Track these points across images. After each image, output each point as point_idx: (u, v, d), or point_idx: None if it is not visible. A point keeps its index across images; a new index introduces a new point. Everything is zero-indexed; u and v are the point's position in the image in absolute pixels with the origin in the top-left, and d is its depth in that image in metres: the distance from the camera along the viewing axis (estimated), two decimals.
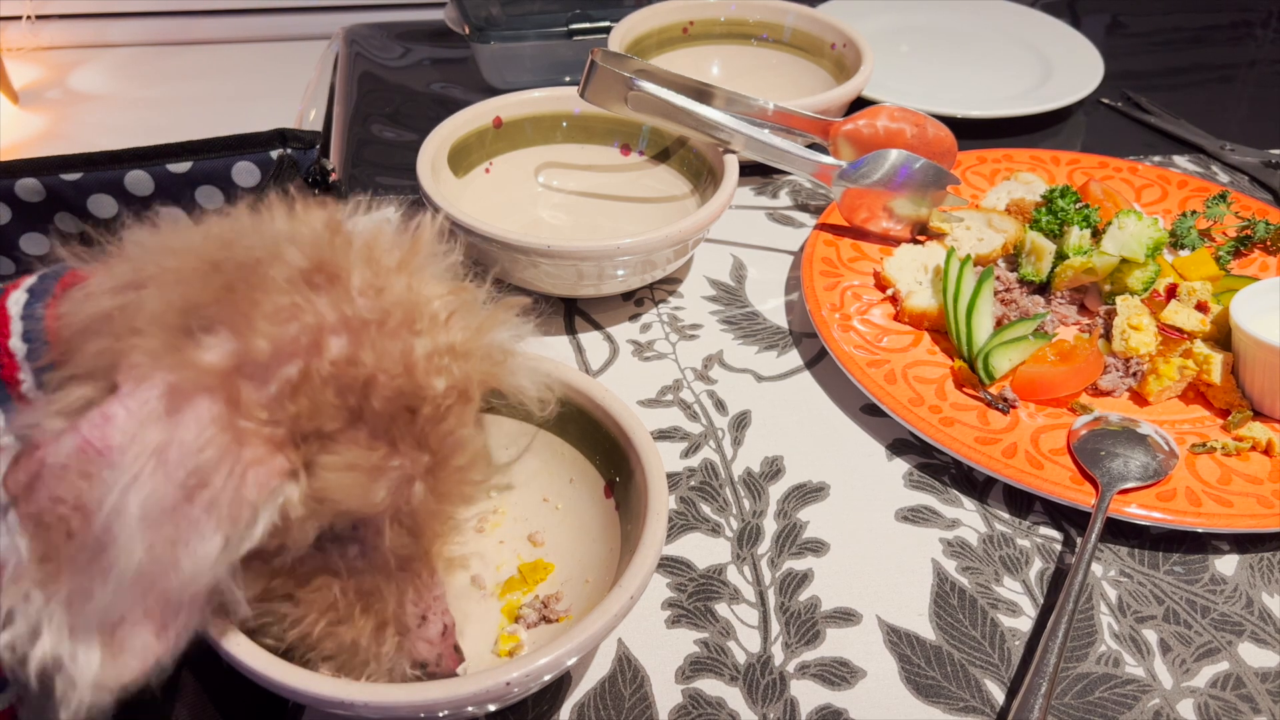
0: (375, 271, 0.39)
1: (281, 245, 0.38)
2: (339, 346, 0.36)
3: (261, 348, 0.35)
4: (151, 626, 0.35)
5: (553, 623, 0.50)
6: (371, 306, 0.37)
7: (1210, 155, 0.94)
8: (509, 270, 0.68)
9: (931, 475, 0.61)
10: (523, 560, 0.53)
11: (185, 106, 2.47)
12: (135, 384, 0.34)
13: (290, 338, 0.35)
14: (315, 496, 0.36)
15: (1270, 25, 1.25)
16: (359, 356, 0.36)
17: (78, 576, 0.34)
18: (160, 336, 0.35)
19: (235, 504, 0.34)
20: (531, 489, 0.56)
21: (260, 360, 0.35)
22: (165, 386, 0.34)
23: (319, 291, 0.37)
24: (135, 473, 0.33)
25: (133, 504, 0.33)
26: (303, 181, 0.68)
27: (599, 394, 0.53)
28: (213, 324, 0.36)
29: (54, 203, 0.65)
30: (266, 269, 0.37)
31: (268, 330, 0.35)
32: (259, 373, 0.35)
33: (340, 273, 0.38)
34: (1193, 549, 0.57)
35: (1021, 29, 1.12)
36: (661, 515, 0.47)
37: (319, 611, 0.41)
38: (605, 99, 0.74)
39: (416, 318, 0.38)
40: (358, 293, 0.37)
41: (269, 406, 0.35)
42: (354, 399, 0.36)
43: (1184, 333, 0.66)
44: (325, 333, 0.36)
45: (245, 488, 0.34)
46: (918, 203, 0.75)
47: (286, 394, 0.35)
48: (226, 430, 0.34)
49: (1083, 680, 0.50)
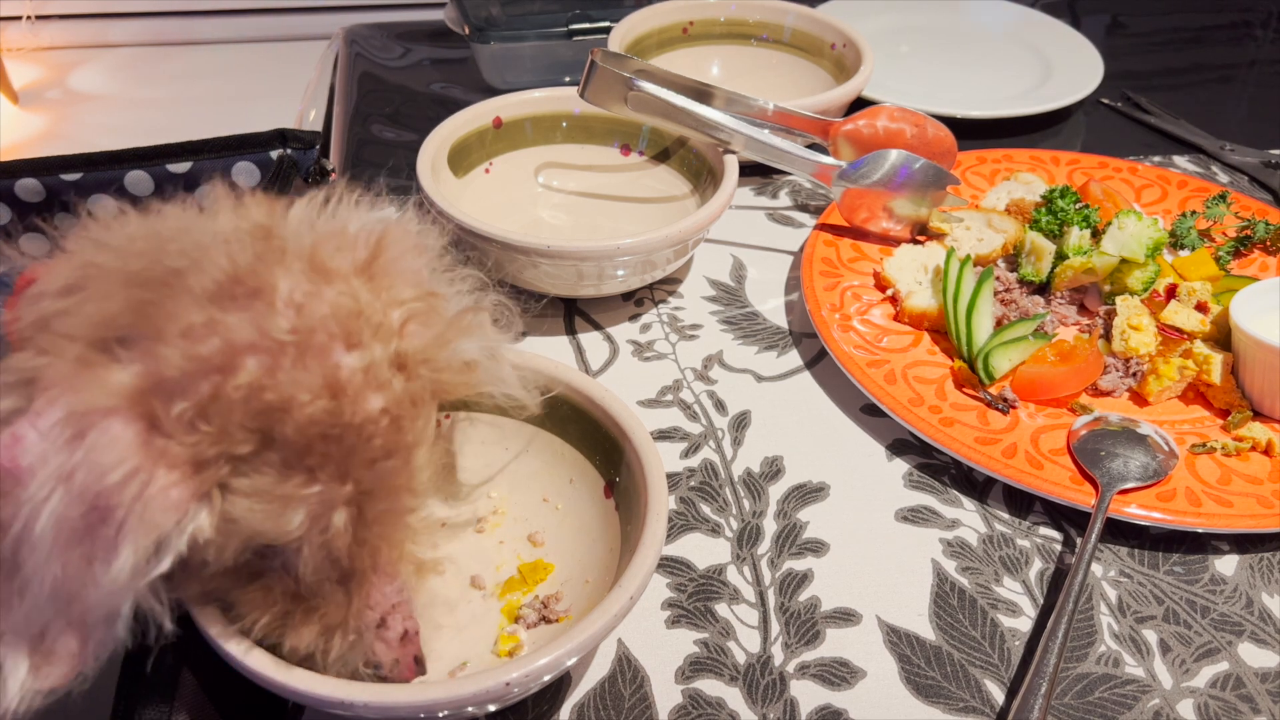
0: (312, 278, 0.37)
1: (205, 253, 0.36)
2: (252, 367, 0.35)
3: (174, 366, 0.34)
4: (76, 636, 0.35)
5: (553, 623, 0.50)
6: (294, 322, 0.35)
7: (1210, 155, 0.94)
8: (509, 270, 0.68)
9: (931, 475, 0.61)
10: (523, 560, 0.53)
11: (185, 106, 2.47)
12: (47, 404, 0.34)
13: (203, 356, 0.34)
14: (226, 520, 0.36)
15: (1270, 25, 1.25)
16: (273, 379, 0.35)
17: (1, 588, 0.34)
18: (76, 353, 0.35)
19: (144, 527, 0.34)
20: (531, 489, 0.56)
21: (171, 380, 0.34)
22: (73, 409, 0.34)
23: (237, 306, 0.35)
24: (44, 495, 0.33)
25: (43, 525, 0.33)
26: (303, 182, 0.68)
27: (598, 394, 0.53)
28: (129, 338, 0.35)
29: (54, 203, 0.65)
30: (185, 280, 0.35)
31: (181, 348, 0.34)
32: (171, 392, 0.34)
33: (263, 285, 0.36)
34: (1193, 549, 0.57)
35: (1021, 29, 1.12)
36: (661, 515, 0.47)
37: (260, 609, 0.40)
38: (605, 99, 0.74)
39: (356, 329, 0.37)
40: (282, 306, 0.36)
41: (180, 427, 0.34)
42: (266, 424, 0.35)
43: (1184, 333, 0.66)
44: (238, 353, 0.35)
45: (151, 512, 0.34)
46: (918, 203, 0.75)
47: (198, 415, 0.34)
48: (137, 451, 0.34)
49: (1083, 680, 0.50)
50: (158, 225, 0.39)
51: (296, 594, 0.40)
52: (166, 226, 0.38)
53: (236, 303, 0.35)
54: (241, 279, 0.36)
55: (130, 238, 0.38)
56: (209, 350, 0.34)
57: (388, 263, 0.39)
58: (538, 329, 0.71)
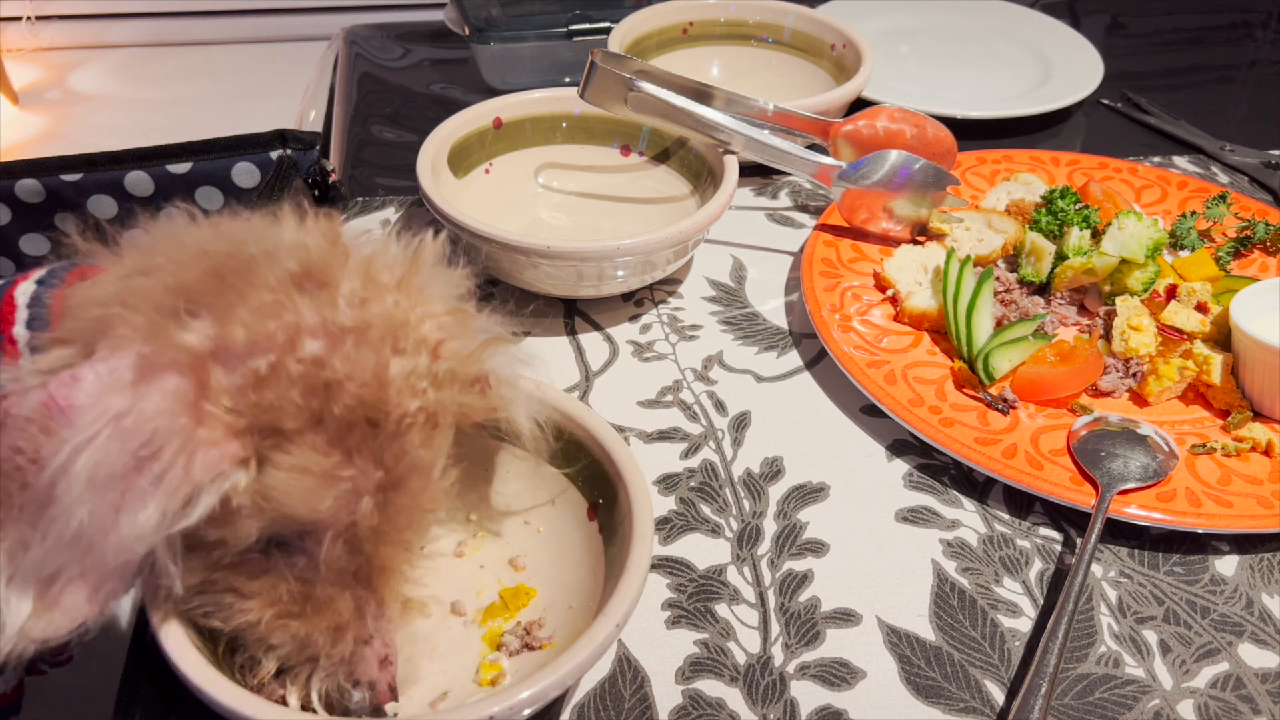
0: (368, 285, 0.39)
1: (279, 248, 0.39)
2: (313, 348, 0.37)
3: (238, 336, 0.36)
4: (85, 588, 0.36)
5: (535, 650, 0.48)
6: (354, 316, 0.38)
7: (1210, 156, 0.94)
8: (509, 271, 0.68)
9: (931, 476, 0.61)
10: (504, 585, 0.52)
11: (185, 107, 2.47)
12: (110, 351, 0.35)
13: (268, 332, 0.36)
14: (262, 492, 0.37)
15: (1270, 26, 1.25)
16: (330, 361, 0.37)
17: (21, 527, 0.35)
18: (147, 314, 0.36)
19: (181, 479, 0.35)
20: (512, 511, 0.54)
21: (235, 349, 0.36)
22: (137, 358, 0.35)
23: (305, 294, 0.38)
24: (90, 435, 0.34)
25: (82, 465, 0.34)
26: (303, 182, 0.68)
27: (581, 414, 0.52)
28: (199, 309, 0.37)
29: (54, 203, 0.65)
30: (259, 267, 0.38)
31: (248, 321, 0.36)
32: (232, 360, 0.36)
33: (330, 281, 0.38)
34: (1193, 550, 0.57)
35: (1021, 29, 1.12)
36: (647, 539, 0.46)
37: (268, 603, 0.41)
38: (605, 100, 0.74)
39: (402, 336, 0.39)
40: (344, 301, 0.38)
41: (235, 394, 0.36)
42: (317, 402, 0.37)
43: (1184, 333, 0.66)
44: (302, 333, 0.37)
45: (193, 465, 0.35)
46: (917, 203, 0.76)
47: (253, 385, 0.36)
48: (188, 408, 0.35)
49: (1083, 681, 0.50)
50: (230, 225, 0.41)
51: (301, 595, 0.40)
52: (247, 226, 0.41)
53: (305, 292, 0.38)
54: (312, 273, 0.38)
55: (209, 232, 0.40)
56: (275, 326, 0.36)
57: (423, 280, 0.42)
58: (538, 329, 0.71)
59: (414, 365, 0.39)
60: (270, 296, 0.37)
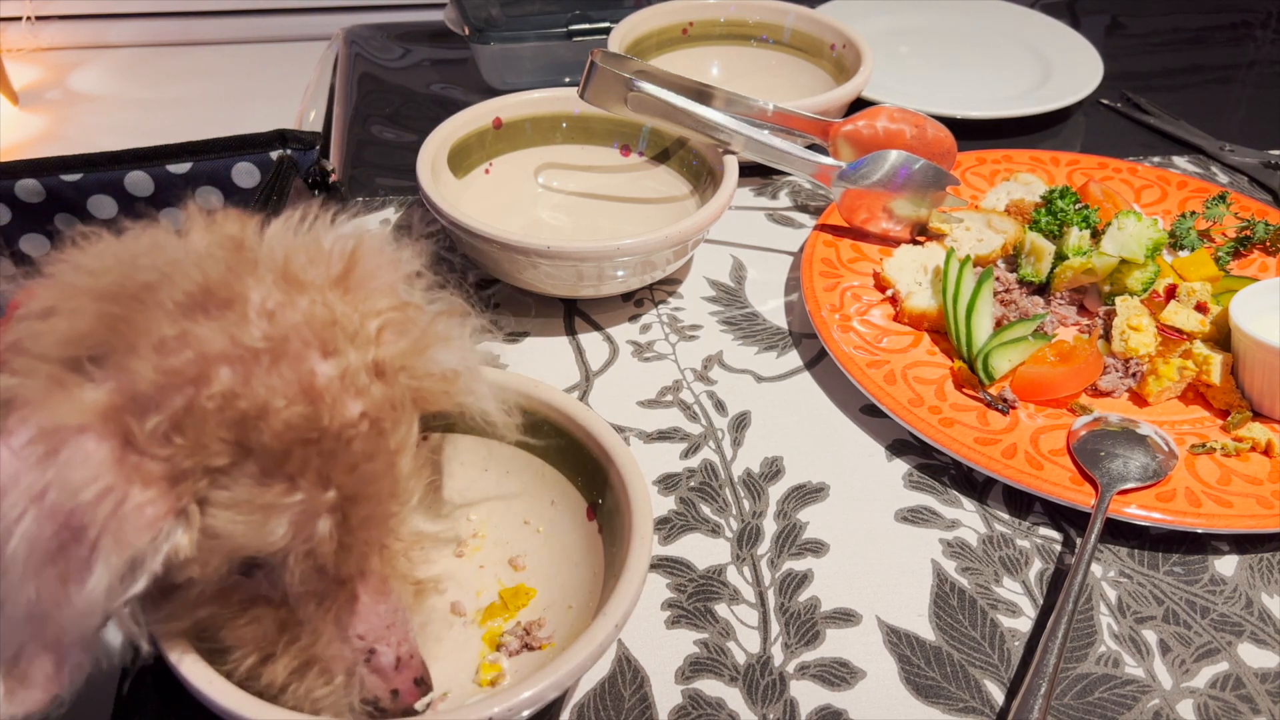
0: (284, 289, 0.37)
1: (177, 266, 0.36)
2: (226, 377, 0.34)
3: (146, 379, 0.34)
4: (50, 661, 0.35)
5: (535, 650, 0.48)
6: (267, 331, 0.35)
7: (1210, 156, 0.94)
8: (509, 271, 0.68)
9: (931, 476, 0.61)
10: (504, 585, 0.52)
11: (185, 107, 2.47)
12: (18, 423, 0.34)
13: (175, 368, 0.34)
14: (207, 534, 0.35)
15: (1270, 26, 1.25)
16: (248, 387, 0.34)
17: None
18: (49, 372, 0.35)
19: (117, 546, 0.33)
20: (512, 512, 0.54)
21: (145, 394, 0.34)
22: (44, 428, 0.33)
23: (209, 317, 0.35)
24: (16, 515, 0.33)
25: (15, 545, 0.32)
26: (303, 182, 0.68)
27: (579, 413, 0.51)
28: (102, 355, 0.35)
29: (54, 203, 0.65)
30: (156, 293, 0.35)
31: (154, 361, 0.34)
32: (146, 407, 0.34)
33: (234, 296, 0.36)
34: (1192, 549, 0.57)
35: (1021, 29, 1.12)
36: (646, 539, 0.46)
37: (252, 645, 0.39)
38: (605, 100, 0.74)
39: (332, 336, 0.36)
40: (255, 315, 0.36)
41: (157, 441, 0.34)
42: (242, 433, 0.34)
43: (1183, 333, 0.66)
44: (212, 363, 0.34)
45: (125, 530, 0.33)
46: (917, 203, 0.76)
47: (173, 428, 0.34)
48: (113, 467, 0.33)
49: (1082, 681, 0.50)
50: (129, 244, 0.39)
51: (285, 622, 0.39)
52: (138, 244, 0.38)
53: (208, 314, 0.35)
54: (213, 290, 0.36)
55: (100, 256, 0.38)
56: (181, 362, 0.34)
57: (363, 275, 0.39)
58: (538, 329, 0.71)
59: (347, 364, 0.36)
60: (171, 328, 0.35)
